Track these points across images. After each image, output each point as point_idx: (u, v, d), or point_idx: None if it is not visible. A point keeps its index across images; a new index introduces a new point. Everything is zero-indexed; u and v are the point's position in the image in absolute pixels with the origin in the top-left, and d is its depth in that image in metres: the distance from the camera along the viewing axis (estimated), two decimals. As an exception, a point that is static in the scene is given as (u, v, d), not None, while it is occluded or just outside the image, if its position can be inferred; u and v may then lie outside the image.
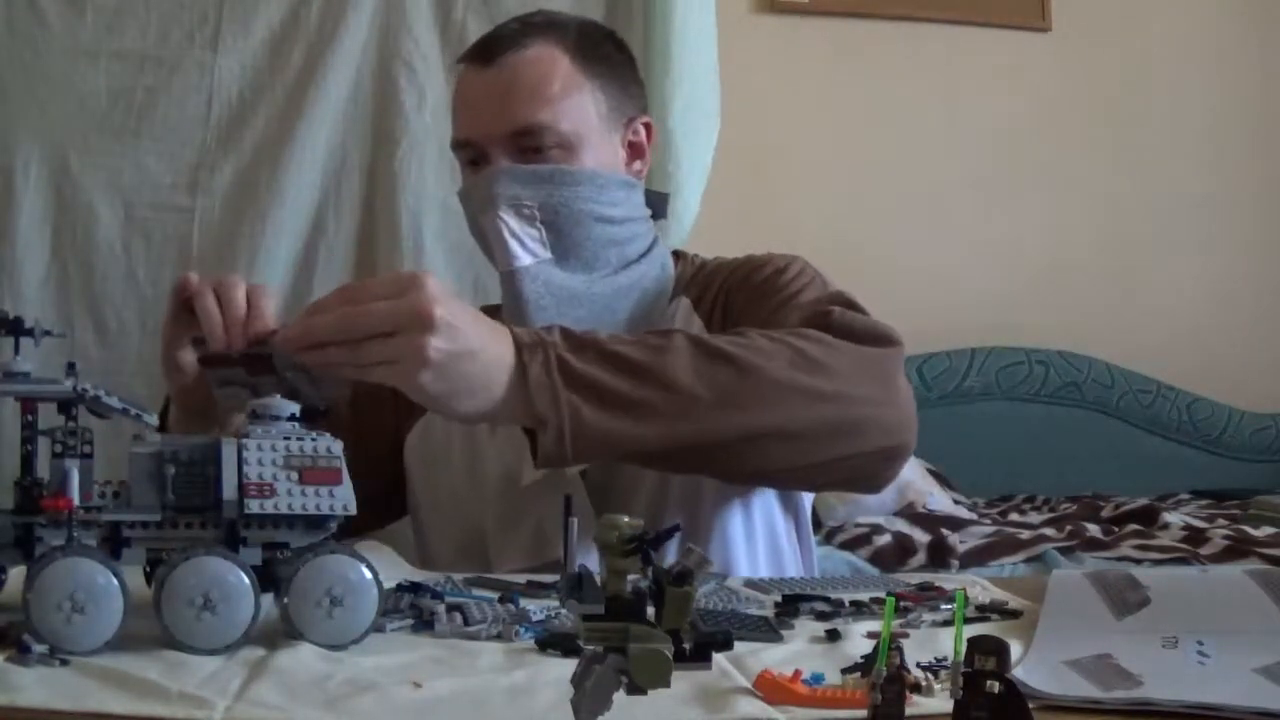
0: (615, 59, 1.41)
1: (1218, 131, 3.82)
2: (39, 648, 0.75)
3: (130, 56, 2.13)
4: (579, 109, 1.33)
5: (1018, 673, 0.73)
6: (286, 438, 0.85)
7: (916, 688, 0.71)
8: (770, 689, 0.73)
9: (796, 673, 0.74)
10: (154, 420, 0.86)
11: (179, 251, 2.17)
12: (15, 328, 0.83)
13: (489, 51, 1.34)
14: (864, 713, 0.66)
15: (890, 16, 3.63)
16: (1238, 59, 3.84)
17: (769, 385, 1.08)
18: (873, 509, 2.86)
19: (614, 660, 0.60)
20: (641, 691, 0.60)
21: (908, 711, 0.66)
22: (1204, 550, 2.56)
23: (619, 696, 0.61)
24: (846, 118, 3.63)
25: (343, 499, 0.85)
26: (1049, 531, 2.75)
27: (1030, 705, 0.63)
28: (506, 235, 1.28)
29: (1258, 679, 0.76)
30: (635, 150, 1.40)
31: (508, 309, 1.30)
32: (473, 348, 1.00)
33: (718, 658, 0.70)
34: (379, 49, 2.10)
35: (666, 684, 0.60)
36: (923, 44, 3.66)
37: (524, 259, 1.29)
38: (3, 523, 0.82)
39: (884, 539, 2.63)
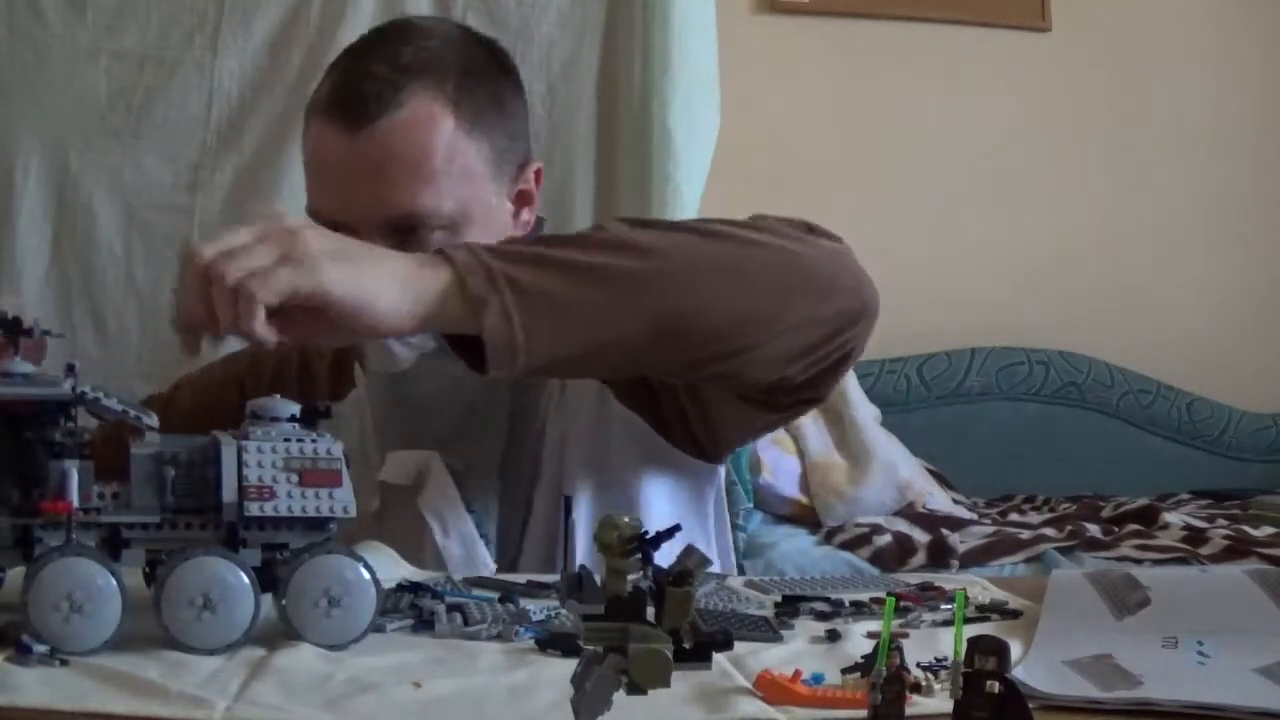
0: (502, 94, 1.22)
1: (1218, 131, 3.82)
2: (39, 648, 0.75)
3: (130, 56, 2.13)
4: (464, 180, 1.16)
5: (1018, 673, 0.73)
6: (286, 439, 0.85)
7: (916, 688, 0.71)
8: (770, 689, 0.73)
9: (796, 673, 0.74)
10: (154, 421, 0.85)
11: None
12: (15, 328, 0.83)
13: (358, 113, 1.13)
14: (864, 713, 0.66)
15: (890, 16, 3.63)
16: (1238, 59, 3.84)
17: (716, 236, 1.01)
18: (872, 509, 2.86)
19: (614, 660, 0.60)
20: (641, 691, 0.60)
21: (908, 711, 0.66)
22: (1204, 550, 2.56)
23: (619, 696, 0.61)
24: (846, 118, 3.63)
25: (343, 501, 0.85)
26: (1049, 531, 2.75)
27: (1030, 705, 0.63)
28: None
29: (1258, 679, 0.76)
30: (523, 199, 1.25)
31: (388, 415, 1.17)
32: (353, 242, 0.94)
33: (718, 658, 0.70)
34: (379, 49, 2.10)
35: (666, 684, 0.60)
36: (923, 44, 3.66)
37: (406, 357, 1.13)
38: (2, 525, 0.82)
39: (884, 539, 2.63)
